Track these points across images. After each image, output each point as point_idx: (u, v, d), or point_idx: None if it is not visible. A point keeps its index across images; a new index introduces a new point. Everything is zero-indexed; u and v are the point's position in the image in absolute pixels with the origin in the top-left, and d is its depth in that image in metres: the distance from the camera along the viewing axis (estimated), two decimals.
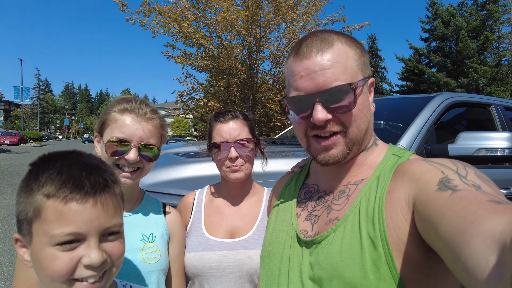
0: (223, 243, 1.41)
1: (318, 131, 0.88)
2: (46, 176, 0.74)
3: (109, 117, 1.22)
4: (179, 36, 10.82)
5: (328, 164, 0.89)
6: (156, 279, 1.25)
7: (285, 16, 10.63)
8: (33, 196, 0.74)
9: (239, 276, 1.36)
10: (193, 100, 12.81)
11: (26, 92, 45.53)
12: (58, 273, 0.72)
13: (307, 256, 0.88)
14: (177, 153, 2.81)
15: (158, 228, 1.33)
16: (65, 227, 0.71)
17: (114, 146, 1.18)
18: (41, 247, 0.73)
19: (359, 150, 0.92)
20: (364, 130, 0.89)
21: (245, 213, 1.51)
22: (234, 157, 1.41)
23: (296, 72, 0.86)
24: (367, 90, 0.90)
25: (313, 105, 0.83)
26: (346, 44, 0.87)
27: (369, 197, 0.82)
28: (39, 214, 0.73)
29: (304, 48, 0.86)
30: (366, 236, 0.77)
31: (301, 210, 1.00)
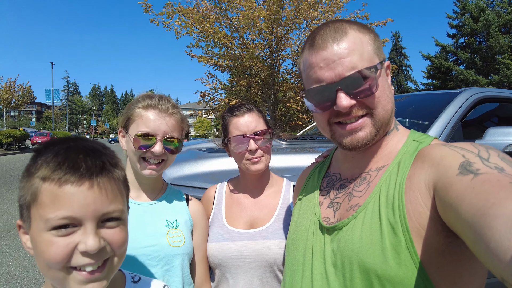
0: (242, 233, 1.45)
1: (343, 118, 0.89)
2: (43, 159, 0.71)
3: (134, 113, 1.30)
4: (202, 37, 10.97)
5: (356, 147, 0.90)
6: (181, 262, 1.31)
7: (306, 14, 10.56)
8: (31, 180, 0.71)
9: (258, 265, 1.39)
10: (215, 100, 12.95)
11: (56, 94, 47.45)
12: (54, 259, 0.68)
13: (328, 242, 0.90)
14: (200, 149, 2.88)
15: (181, 216, 1.40)
16: (59, 210, 0.68)
17: (140, 140, 1.25)
18: (38, 232, 0.70)
19: (384, 132, 0.93)
20: (390, 111, 0.90)
21: (263, 204, 1.53)
22: (254, 149, 1.43)
23: (315, 64, 0.88)
24: (384, 72, 0.91)
25: (336, 93, 0.85)
26: (359, 31, 0.88)
27: (389, 183, 0.83)
28: (35, 198, 0.70)
29: (319, 40, 0.87)
30: (386, 222, 0.77)
31: (324, 198, 1.02)
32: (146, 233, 1.28)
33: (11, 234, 5.69)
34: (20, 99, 36.83)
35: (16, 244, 5.23)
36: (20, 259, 4.69)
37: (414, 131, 0.96)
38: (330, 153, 1.19)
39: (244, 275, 1.39)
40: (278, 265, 1.38)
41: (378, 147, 0.94)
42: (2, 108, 37.19)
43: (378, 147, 0.94)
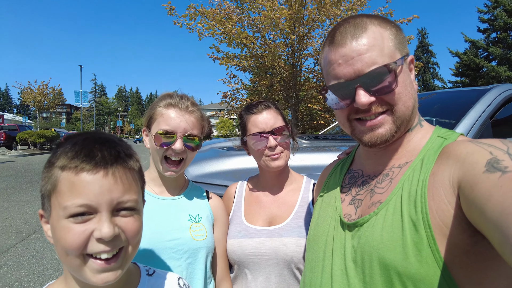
0: (260, 230, 1.45)
1: (362, 114, 0.88)
2: (62, 150, 0.74)
3: (155, 112, 1.34)
4: (224, 38, 11.07)
5: (376, 144, 0.89)
6: (203, 256, 1.34)
7: (328, 12, 10.44)
8: (51, 170, 0.74)
9: (276, 263, 1.39)
10: (236, 100, 13.04)
11: (85, 95, 49.13)
12: (71, 245, 0.70)
13: (349, 239, 0.89)
14: (222, 147, 2.93)
15: (203, 211, 1.44)
16: (76, 198, 0.70)
17: (161, 137, 1.29)
18: (57, 220, 0.72)
19: (406, 129, 0.91)
20: (411, 107, 0.88)
21: (282, 202, 1.53)
22: (273, 145, 1.43)
23: (334, 61, 0.87)
24: (407, 68, 0.89)
25: (355, 90, 0.85)
26: (380, 25, 0.87)
27: (412, 180, 0.81)
28: (55, 187, 0.73)
29: (338, 36, 0.87)
30: (408, 218, 0.76)
31: (345, 195, 1.01)
32: (171, 227, 1.32)
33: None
34: (52, 101, 38.49)
35: None
36: (52, 253, 4.91)
37: (439, 127, 0.94)
38: (353, 150, 1.18)
39: (262, 272, 1.40)
40: (296, 263, 1.38)
41: (401, 143, 0.92)
42: (36, 109, 38.96)
43: (400, 143, 0.92)
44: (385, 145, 0.91)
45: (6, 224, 6.25)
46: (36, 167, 15.30)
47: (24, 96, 37.18)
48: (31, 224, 6.27)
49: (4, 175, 12.39)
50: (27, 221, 6.45)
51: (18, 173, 12.94)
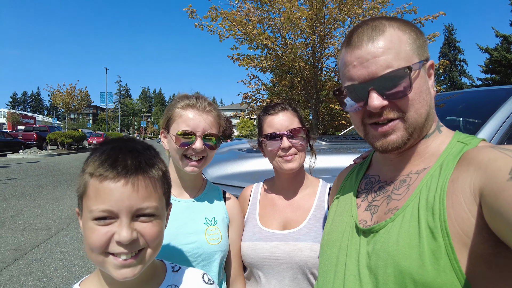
0: (274, 234, 1.45)
1: (375, 119, 0.87)
2: (92, 157, 0.83)
3: (174, 113, 1.37)
4: (244, 39, 11.13)
5: (387, 150, 0.88)
6: (219, 259, 1.36)
7: (350, 11, 10.29)
8: (83, 175, 0.83)
9: (290, 267, 1.38)
10: (257, 101, 13.07)
11: (110, 97, 50.65)
12: (94, 245, 0.78)
13: (364, 245, 0.88)
14: (240, 149, 2.94)
15: (219, 213, 1.46)
16: (100, 204, 0.78)
17: (181, 138, 1.32)
18: (86, 220, 0.81)
19: (420, 136, 0.89)
20: (425, 115, 0.86)
21: (297, 206, 1.52)
22: (287, 146, 1.42)
23: (349, 62, 0.87)
24: (425, 73, 0.87)
25: (368, 93, 0.84)
26: (399, 28, 0.85)
27: (430, 186, 0.79)
28: (85, 191, 0.81)
29: (355, 38, 0.87)
30: (425, 225, 0.74)
31: (361, 200, 1.00)
32: (187, 231, 1.35)
33: (71, 227, 6.21)
34: (79, 103, 39.89)
35: (75, 236, 5.70)
36: (79, 249, 5.10)
37: (459, 132, 0.91)
38: (369, 154, 1.17)
39: (275, 275, 1.40)
40: (310, 267, 1.36)
41: (418, 149, 0.90)
42: (64, 111, 40.48)
43: (418, 149, 0.90)
44: (400, 151, 0.90)
45: (37, 221, 6.54)
46: (64, 166, 15.92)
47: (54, 98, 38.73)
48: (60, 222, 6.53)
49: (35, 174, 12.97)
50: (56, 218, 6.73)
51: (48, 172, 13.52)
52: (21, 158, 20.16)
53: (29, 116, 63.61)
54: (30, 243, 5.30)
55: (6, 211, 7.21)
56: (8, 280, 4.03)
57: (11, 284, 3.94)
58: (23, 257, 4.74)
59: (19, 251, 4.97)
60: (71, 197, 8.81)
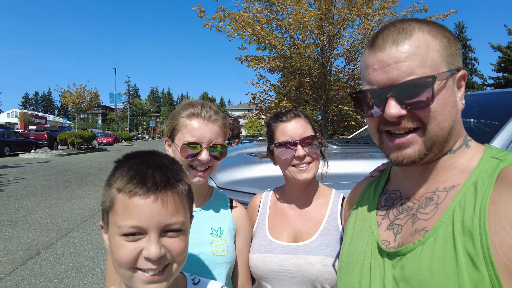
0: (284, 246, 1.39)
1: (391, 127, 0.82)
2: (119, 172, 0.81)
3: (178, 123, 1.34)
4: (252, 39, 11.11)
5: (401, 164, 0.82)
6: (225, 271, 1.33)
7: (359, 11, 10.19)
8: (110, 189, 0.82)
9: (300, 281, 1.33)
10: (265, 102, 13.04)
11: (119, 97, 51.21)
12: (123, 260, 0.77)
13: (389, 269, 0.81)
14: (250, 153, 2.91)
15: (225, 222, 1.42)
16: (129, 220, 0.77)
17: (187, 149, 1.29)
18: (113, 235, 0.80)
19: (441, 152, 0.82)
20: (447, 129, 0.79)
21: (308, 217, 1.46)
22: (302, 155, 1.37)
23: (370, 65, 0.82)
24: (453, 84, 0.80)
25: (386, 100, 0.78)
26: (429, 33, 0.79)
27: (465, 207, 0.72)
28: (112, 206, 0.80)
29: (379, 40, 0.81)
30: (464, 252, 0.67)
31: (382, 218, 0.93)
32: (192, 242, 1.30)
33: (81, 227, 6.27)
34: (89, 103, 40.41)
35: (86, 237, 5.75)
36: (89, 250, 5.14)
37: (490, 146, 0.85)
38: (387, 167, 1.09)
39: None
40: (321, 282, 1.31)
41: (443, 164, 0.84)
42: (74, 111, 41.03)
43: (443, 164, 0.84)
44: (419, 166, 0.84)
45: (48, 221, 6.62)
46: (74, 166, 16.11)
47: (64, 98, 39.33)
48: (70, 222, 6.59)
49: (47, 174, 13.14)
50: (66, 219, 6.80)
51: (59, 172, 13.68)
52: (32, 158, 20.46)
53: (40, 116, 64.64)
54: (41, 244, 5.36)
55: (18, 211, 7.32)
56: (20, 281, 4.08)
57: (22, 285, 3.99)
58: (35, 258, 4.79)
59: (30, 251, 5.04)
60: (81, 197, 8.90)
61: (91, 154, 24.99)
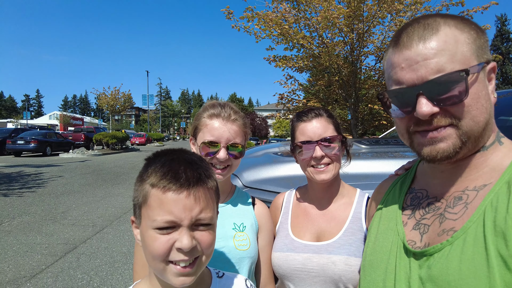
0: (307, 245, 1.38)
1: (423, 127, 0.78)
2: (152, 169, 0.85)
3: (200, 123, 1.40)
4: (280, 39, 11.10)
5: (435, 160, 0.79)
6: (247, 265, 1.35)
7: (390, 8, 9.88)
8: (143, 185, 0.86)
9: (323, 280, 1.32)
10: (293, 102, 12.97)
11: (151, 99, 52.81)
12: (157, 252, 0.81)
13: (415, 269, 0.79)
14: (276, 153, 2.90)
15: (248, 219, 1.45)
16: (164, 214, 0.81)
17: (206, 147, 1.35)
18: (146, 229, 0.84)
19: (475, 148, 0.79)
20: (483, 123, 0.76)
21: (332, 216, 1.44)
22: (319, 156, 1.35)
23: (396, 64, 0.79)
24: (484, 77, 0.77)
25: (416, 98, 0.76)
26: (456, 27, 0.76)
27: (497, 206, 0.69)
28: (146, 201, 0.84)
29: (404, 38, 0.78)
30: (496, 253, 0.65)
31: (408, 218, 0.90)
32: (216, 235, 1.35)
33: (114, 224, 6.54)
34: (122, 105, 42.02)
35: (118, 233, 5.99)
36: (121, 246, 5.35)
37: None
38: (413, 165, 1.06)
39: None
40: (344, 282, 1.29)
41: (474, 162, 0.80)
42: (109, 113, 42.83)
43: (474, 162, 0.80)
44: (451, 162, 0.81)
45: (84, 217, 6.96)
46: (109, 165, 16.82)
47: (100, 100, 41.17)
48: (104, 219, 6.89)
49: (83, 173, 13.82)
50: (101, 216, 7.12)
51: (94, 171, 14.35)
52: (70, 158, 21.60)
53: (78, 118, 68.13)
54: (78, 238, 5.65)
55: (58, 207, 7.75)
56: (59, 272, 4.33)
57: (62, 276, 4.22)
58: (72, 251, 5.06)
59: (68, 245, 5.32)
60: (115, 196, 9.28)
61: (124, 154, 25.98)
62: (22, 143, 21.86)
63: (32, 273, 4.29)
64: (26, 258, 4.76)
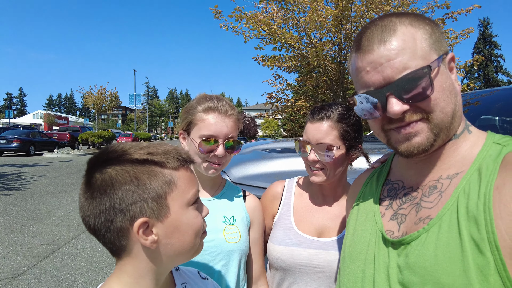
0: (313, 241, 1.37)
1: (396, 124, 0.81)
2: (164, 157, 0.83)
3: (195, 117, 1.35)
4: (269, 39, 11.10)
5: (413, 154, 0.81)
6: (237, 258, 1.35)
7: (378, 9, 10.00)
8: (158, 175, 0.80)
9: (328, 276, 1.32)
10: (281, 101, 13.00)
11: (138, 98, 52.27)
12: (200, 224, 0.86)
13: (394, 257, 0.81)
14: (264, 149, 2.91)
15: (238, 212, 1.43)
16: (194, 188, 0.87)
17: (204, 144, 1.31)
18: (182, 212, 0.83)
19: (448, 137, 0.82)
20: (451, 113, 0.78)
21: (336, 214, 1.43)
22: (311, 160, 1.34)
23: (361, 68, 0.81)
24: (446, 68, 0.80)
25: (386, 99, 0.78)
26: (412, 25, 0.78)
27: (469, 193, 0.72)
28: (174, 184, 0.82)
29: (364, 42, 0.80)
30: (468, 238, 0.67)
31: (385, 208, 0.92)
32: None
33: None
34: (109, 104, 41.40)
35: None
36: None
37: (492, 133, 0.84)
38: (388, 158, 1.08)
39: (310, 283, 1.35)
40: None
41: (446, 152, 0.83)
42: (95, 112, 42.14)
43: (446, 152, 0.83)
44: (426, 155, 0.83)
45: (69, 217, 6.82)
46: None
47: (86, 99, 40.47)
48: None
49: (68, 172, 13.56)
50: None
51: (79, 171, 14.07)
52: (55, 157, 21.15)
53: (63, 117, 66.85)
54: (62, 239, 5.53)
55: (41, 207, 7.58)
56: (42, 273, 4.23)
57: (45, 277, 4.12)
58: (56, 252, 4.95)
59: (52, 246, 5.20)
60: None
61: None
62: (3, 142, 21.24)
63: (13, 275, 4.18)
64: (7, 260, 4.64)
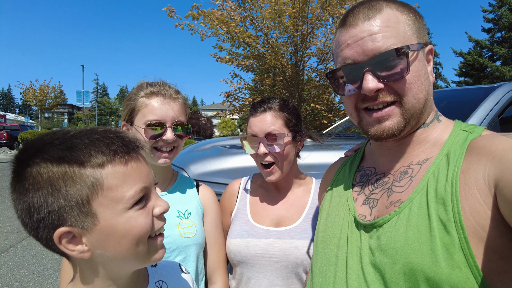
0: (269, 231, 1.37)
1: (369, 103, 0.83)
2: (85, 152, 0.67)
3: (137, 104, 1.27)
4: (227, 38, 11.04)
5: (382, 138, 0.83)
6: (194, 252, 1.30)
7: (333, 11, 10.38)
8: (79, 178, 0.67)
9: (284, 265, 1.32)
10: (239, 100, 13.00)
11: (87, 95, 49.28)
12: (145, 229, 0.71)
13: (366, 240, 0.83)
14: (224, 146, 2.89)
15: (192, 205, 1.39)
16: (135, 184, 0.70)
17: (150, 130, 1.24)
18: (116, 217, 0.68)
19: (417, 124, 0.85)
20: (423, 101, 0.81)
21: (291, 203, 1.45)
22: (262, 153, 1.32)
23: (343, 42, 0.82)
24: (423, 57, 0.83)
25: (363, 75, 0.79)
26: (397, 9, 0.81)
27: (438, 176, 0.75)
28: (100, 187, 0.67)
29: (350, 18, 0.82)
30: (436, 218, 0.70)
31: (358, 194, 0.95)
32: None
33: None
34: (53, 100, 38.62)
35: None
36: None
37: (460, 121, 0.88)
38: (361, 147, 1.11)
39: (268, 275, 1.33)
40: (305, 266, 1.30)
41: (417, 139, 0.86)
42: (38, 109, 39.10)
43: (417, 139, 0.86)
44: (396, 140, 0.86)
45: (6, 223, 6.22)
46: None
47: (26, 95, 37.37)
48: None
49: (6, 175, 12.34)
50: None
51: None
52: None
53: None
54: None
55: None
56: None
57: None
58: None
59: None
60: None
61: None
62: None
63: None
64: None
